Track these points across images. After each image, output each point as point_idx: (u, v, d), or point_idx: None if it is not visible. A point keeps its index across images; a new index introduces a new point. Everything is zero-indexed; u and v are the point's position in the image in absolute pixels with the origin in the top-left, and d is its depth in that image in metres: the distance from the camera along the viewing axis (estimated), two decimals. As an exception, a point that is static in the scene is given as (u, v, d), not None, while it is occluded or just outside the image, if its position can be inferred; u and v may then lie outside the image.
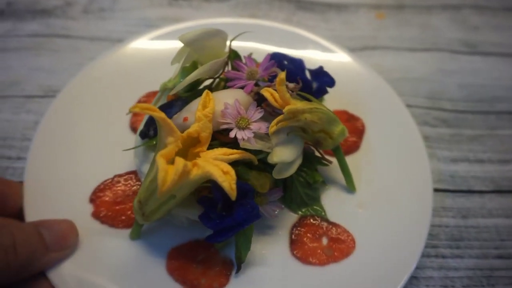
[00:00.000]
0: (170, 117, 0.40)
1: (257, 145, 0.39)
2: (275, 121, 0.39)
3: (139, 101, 0.54)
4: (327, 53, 0.58)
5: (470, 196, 0.53)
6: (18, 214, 0.42)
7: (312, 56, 0.57)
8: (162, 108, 0.42)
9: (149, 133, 0.44)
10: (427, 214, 0.44)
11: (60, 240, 0.39)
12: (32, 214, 0.42)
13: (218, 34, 0.43)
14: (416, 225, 0.44)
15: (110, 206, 0.44)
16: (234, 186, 0.34)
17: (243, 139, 0.39)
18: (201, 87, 0.45)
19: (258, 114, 0.40)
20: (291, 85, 0.42)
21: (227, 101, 0.40)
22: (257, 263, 0.42)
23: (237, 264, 0.41)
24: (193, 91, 0.44)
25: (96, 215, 0.44)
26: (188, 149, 0.39)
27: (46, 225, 0.39)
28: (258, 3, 0.74)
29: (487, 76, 0.66)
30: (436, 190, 0.53)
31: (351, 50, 0.64)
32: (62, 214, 0.42)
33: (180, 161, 0.33)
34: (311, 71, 0.49)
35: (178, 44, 0.43)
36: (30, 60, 0.62)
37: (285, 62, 0.46)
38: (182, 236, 0.43)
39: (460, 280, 0.46)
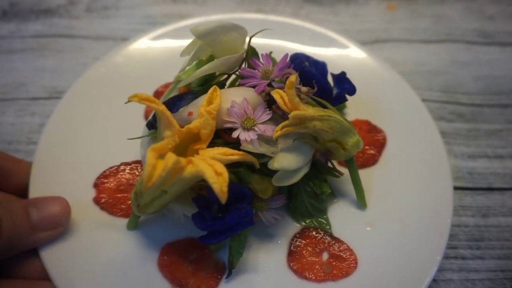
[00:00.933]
0: (178, 109, 0.39)
1: (260, 148, 0.38)
2: (280, 125, 0.38)
3: (157, 91, 0.53)
4: (349, 53, 0.56)
5: (489, 194, 0.50)
6: (23, 192, 0.42)
7: (335, 58, 0.55)
8: (172, 100, 0.41)
9: (155, 124, 0.42)
10: (443, 237, 0.41)
11: (50, 220, 0.38)
12: (35, 191, 0.42)
13: (235, 29, 0.41)
14: (428, 249, 0.41)
15: (112, 193, 0.44)
16: (225, 189, 0.32)
17: (246, 140, 0.37)
18: (214, 82, 0.44)
19: (266, 116, 0.38)
20: (304, 89, 0.40)
21: (235, 99, 0.38)
22: (250, 270, 0.40)
23: (229, 269, 0.39)
24: (205, 86, 0.42)
25: (97, 201, 0.43)
26: (189, 145, 0.37)
27: (37, 204, 0.38)
28: (265, -3, 0.72)
29: (504, 68, 0.63)
30: (454, 188, 0.50)
31: (362, 44, 0.62)
32: (65, 195, 0.42)
33: (171, 157, 0.32)
34: (333, 76, 0.46)
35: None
36: (34, 61, 0.61)
37: (306, 64, 0.44)
38: (178, 232, 0.42)
39: (481, 283, 0.44)
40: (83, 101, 0.50)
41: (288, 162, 0.38)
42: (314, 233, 0.43)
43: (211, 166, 0.33)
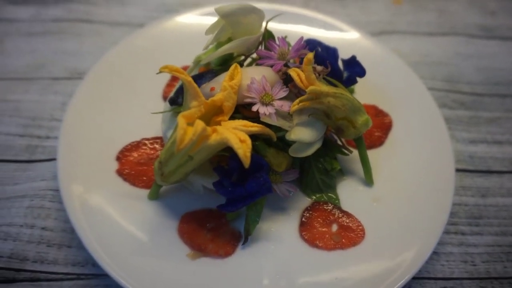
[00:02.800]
0: (199, 86, 0.41)
1: (277, 122, 0.40)
2: (297, 100, 0.40)
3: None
4: (358, 42, 0.59)
5: (488, 176, 0.53)
6: None
7: (345, 46, 0.56)
8: (193, 78, 0.43)
9: (177, 100, 0.45)
10: (444, 213, 0.44)
11: None
12: (63, 165, 0.44)
13: (254, 11, 0.44)
14: (430, 224, 0.43)
15: (134, 166, 0.47)
16: (248, 154, 0.34)
17: (265, 114, 0.40)
18: (233, 62, 0.46)
19: (283, 93, 0.41)
20: (319, 67, 0.43)
21: (255, 76, 0.41)
22: (264, 238, 0.43)
23: (245, 236, 0.42)
24: (224, 66, 0.45)
25: (120, 172, 0.46)
26: (211, 117, 0.40)
27: None
28: (276, -11, 0.74)
29: (504, 60, 0.66)
30: (456, 170, 0.53)
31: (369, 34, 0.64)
32: (90, 167, 0.45)
33: (199, 123, 0.35)
34: (343, 61, 0.49)
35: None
36: (55, 43, 0.63)
37: (319, 49, 0.47)
38: (196, 203, 0.44)
39: (479, 256, 0.47)
40: (104, 81, 0.53)
41: (304, 134, 0.41)
42: (324, 206, 0.46)
43: (235, 134, 0.35)
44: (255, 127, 0.39)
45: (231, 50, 0.44)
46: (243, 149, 0.35)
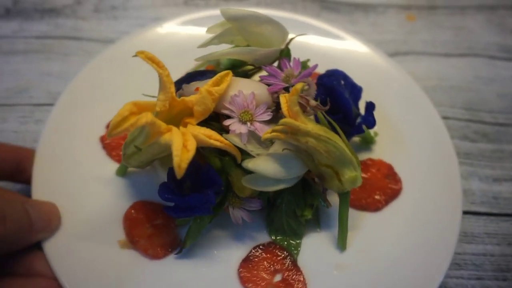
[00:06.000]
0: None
1: (246, 144, 0.36)
2: (271, 128, 0.36)
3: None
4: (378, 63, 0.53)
5: (515, 220, 0.48)
6: None
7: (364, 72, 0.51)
8: (194, 73, 0.42)
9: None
10: None
11: (45, 221, 0.39)
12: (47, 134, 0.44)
13: (270, 23, 0.40)
14: None
15: (117, 139, 0.46)
16: (183, 165, 0.32)
17: (235, 131, 0.36)
18: (241, 70, 0.43)
19: (266, 116, 0.37)
20: (313, 102, 0.38)
21: (245, 90, 0.37)
22: (200, 257, 0.40)
23: (181, 246, 0.40)
24: (232, 70, 0.41)
25: (102, 139, 0.46)
26: (183, 117, 0.38)
27: (33, 204, 0.39)
28: (281, 3, 0.69)
29: (527, 85, 0.61)
30: (478, 213, 0.49)
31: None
32: (78, 131, 0.45)
33: (145, 116, 0.32)
34: (366, 104, 0.43)
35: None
36: (39, 64, 0.58)
37: (342, 82, 0.42)
38: (156, 195, 0.39)
39: (508, 317, 0.42)
40: (80, 104, 0.48)
41: (265, 167, 0.36)
42: (278, 251, 0.40)
43: (185, 141, 0.33)
44: (218, 142, 0.35)
45: (235, 56, 0.40)
46: (180, 158, 0.32)
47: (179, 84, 0.41)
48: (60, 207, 0.40)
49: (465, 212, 0.48)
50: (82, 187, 0.42)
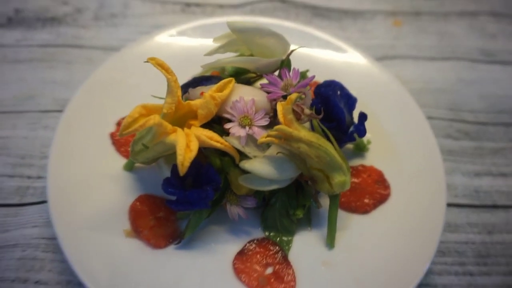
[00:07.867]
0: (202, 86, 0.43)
1: (244, 147, 0.40)
2: (266, 133, 0.39)
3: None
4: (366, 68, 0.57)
5: (495, 212, 0.53)
6: None
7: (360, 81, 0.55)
8: (200, 78, 0.45)
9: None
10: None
11: None
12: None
13: (273, 36, 0.43)
14: None
15: (127, 136, 0.47)
16: (186, 164, 0.35)
17: (235, 134, 0.39)
18: (243, 77, 0.46)
19: (263, 122, 0.40)
20: (307, 111, 0.41)
21: (246, 97, 0.40)
22: (198, 248, 0.42)
23: (179, 237, 0.42)
24: (235, 77, 0.44)
25: (112, 135, 0.49)
26: (187, 119, 0.41)
27: None
28: (274, 10, 0.72)
29: (506, 86, 0.66)
30: (461, 205, 0.53)
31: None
32: (91, 123, 0.48)
33: (153, 118, 0.36)
34: (359, 114, 0.46)
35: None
36: (43, 72, 0.60)
37: (338, 93, 0.45)
38: (159, 189, 0.42)
39: (489, 299, 0.46)
40: (90, 107, 0.51)
41: (260, 168, 0.39)
42: (271, 246, 0.43)
43: (188, 141, 0.36)
44: (219, 143, 0.39)
45: (238, 64, 0.44)
46: (184, 157, 0.35)
47: (185, 87, 0.44)
48: (73, 198, 0.43)
49: (449, 204, 0.52)
50: (92, 180, 0.45)
